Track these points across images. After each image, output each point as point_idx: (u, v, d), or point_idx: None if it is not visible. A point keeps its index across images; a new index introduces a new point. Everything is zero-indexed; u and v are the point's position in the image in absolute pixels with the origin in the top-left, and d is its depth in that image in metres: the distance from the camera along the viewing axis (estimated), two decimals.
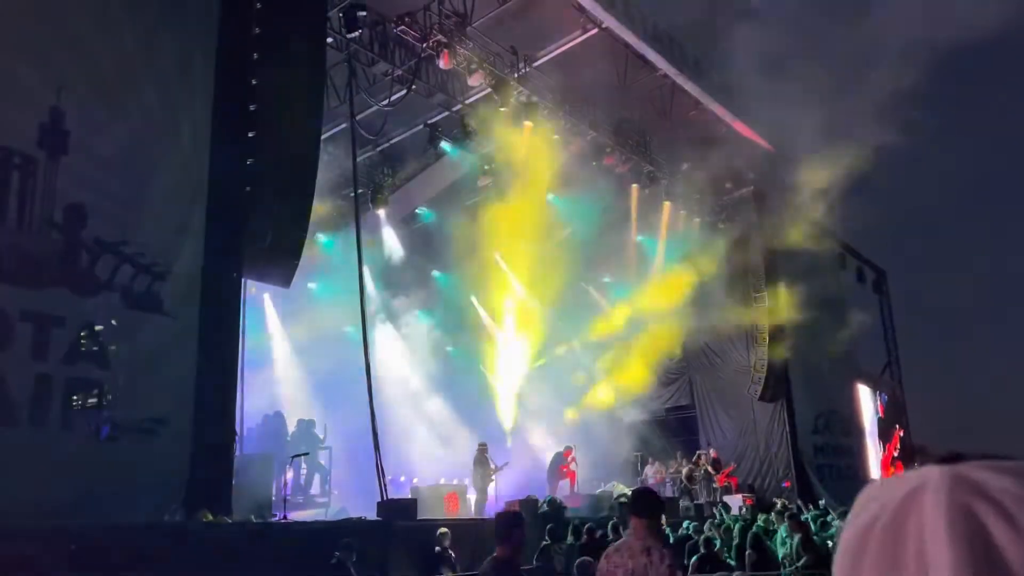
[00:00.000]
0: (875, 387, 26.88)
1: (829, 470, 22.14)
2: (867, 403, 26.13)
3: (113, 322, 9.36)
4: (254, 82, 11.25)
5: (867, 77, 16.43)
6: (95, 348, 9.12)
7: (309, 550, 8.96)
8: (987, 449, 0.65)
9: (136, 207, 9.64)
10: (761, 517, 13.46)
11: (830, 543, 10.47)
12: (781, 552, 10.65)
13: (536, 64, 17.30)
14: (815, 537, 11.29)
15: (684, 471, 19.44)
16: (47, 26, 9.19)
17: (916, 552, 0.58)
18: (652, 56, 17.71)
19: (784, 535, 11.00)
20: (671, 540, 11.79)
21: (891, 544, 0.60)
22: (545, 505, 13.80)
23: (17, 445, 8.11)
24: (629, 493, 16.04)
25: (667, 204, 21.85)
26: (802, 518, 11.86)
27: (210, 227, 10.21)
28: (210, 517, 8.90)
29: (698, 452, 20.42)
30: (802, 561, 9.73)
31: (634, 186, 21.12)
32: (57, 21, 9.31)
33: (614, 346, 21.85)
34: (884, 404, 27.19)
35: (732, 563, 10.35)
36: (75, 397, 8.88)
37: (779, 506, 13.90)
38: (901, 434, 27.80)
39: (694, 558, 9.99)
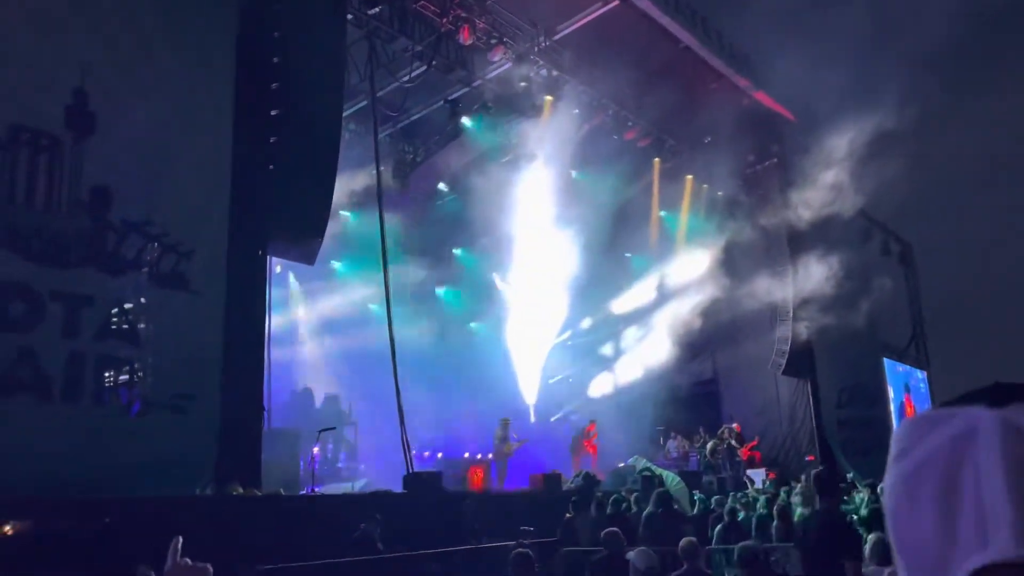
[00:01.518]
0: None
1: (853, 444, 22.04)
2: (893, 378, 25.94)
3: (142, 300, 9.53)
4: (276, 60, 11.30)
5: (894, 39, 16.11)
6: (125, 326, 9.30)
7: (336, 522, 9.12)
8: None
9: (160, 187, 9.76)
10: (783, 490, 13.47)
11: (854, 516, 10.49)
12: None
13: (556, 38, 17.16)
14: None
15: (709, 445, 19.46)
16: (70, 8, 9.27)
17: (975, 504, 0.59)
18: (673, 28, 17.49)
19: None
20: (695, 513, 11.88)
21: (947, 492, 0.61)
22: (580, 479, 13.93)
23: (52, 420, 8.32)
24: (651, 467, 16.15)
25: (689, 178, 21.69)
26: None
27: (234, 206, 10.32)
28: (240, 491, 9.07)
29: (723, 427, 20.41)
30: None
31: (656, 160, 20.97)
32: (80, 3, 9.39)
33: (636, 321, 21.82)
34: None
35: (755, 534, 10.40)
36: (107, 374, 9.07)
37: (803, 481, 13.92)
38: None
39: (718, 527, 10.05)
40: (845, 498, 12.00)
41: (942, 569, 0.60)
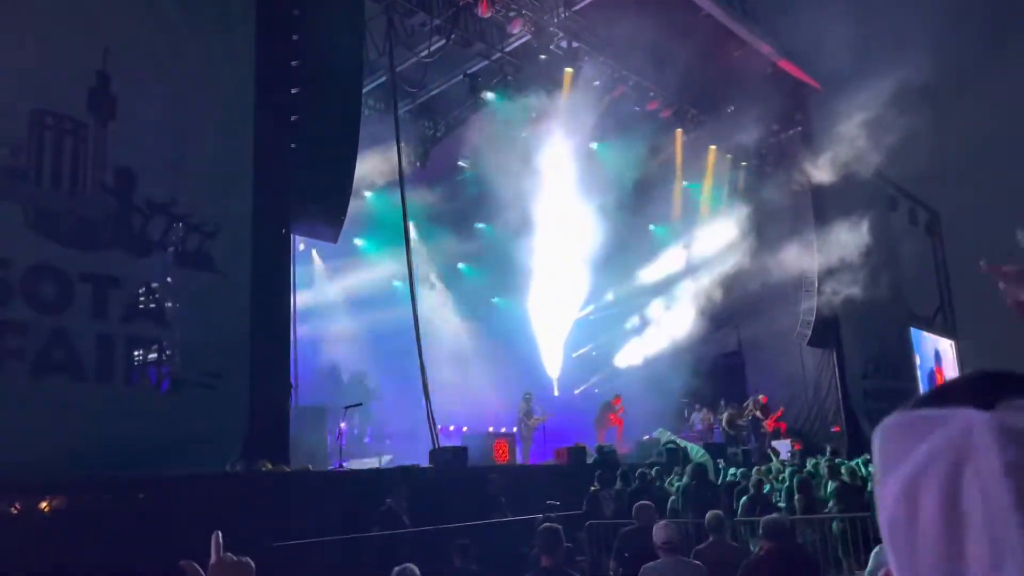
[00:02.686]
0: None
1: (880, 415, 21.70)
2: (921, 346, 25.69)
3: (168, 280, 9.64)
4: (295, 38, 11.28)
5: (921, 10, 15.74)
6: (152, 306, 9.42)
7: (363, 497, 9.25)
8: None
9: (184, 168, 9.83)
10: (810, 462, 13.45)
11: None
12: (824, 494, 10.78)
13: (576, 8, 16.95)
14: (866, 481, 11.31)
15: (724, 416, 19.43)
16: None
17: (983, 518, 0.58)
18: None
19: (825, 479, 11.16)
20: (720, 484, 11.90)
21: (951, 504, 0.60)
22: (596, 453, 13.98)
23: (86, 400, 8.48)
24: (676, 440, 16.18)
25: (712, 148, 21.46)
26: (845, 465, 11.85)
27: (257, 185, 10.37)
28: (269, 466, 9.21)
29: (748, 398, 20.35)
30: (835, 506, 9.83)
31: (678, 131, 20.76)
32: None
33: (660, 293, 21.74)
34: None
35: (782, 506, 10.42)
36: (136, 353, 9.22)
37: (828, 452, 13.90)
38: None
39: (743, 499, 10.07)
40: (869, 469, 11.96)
41: None
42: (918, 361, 25.42)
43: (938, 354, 26.57)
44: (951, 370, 27.92)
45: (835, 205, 20.63)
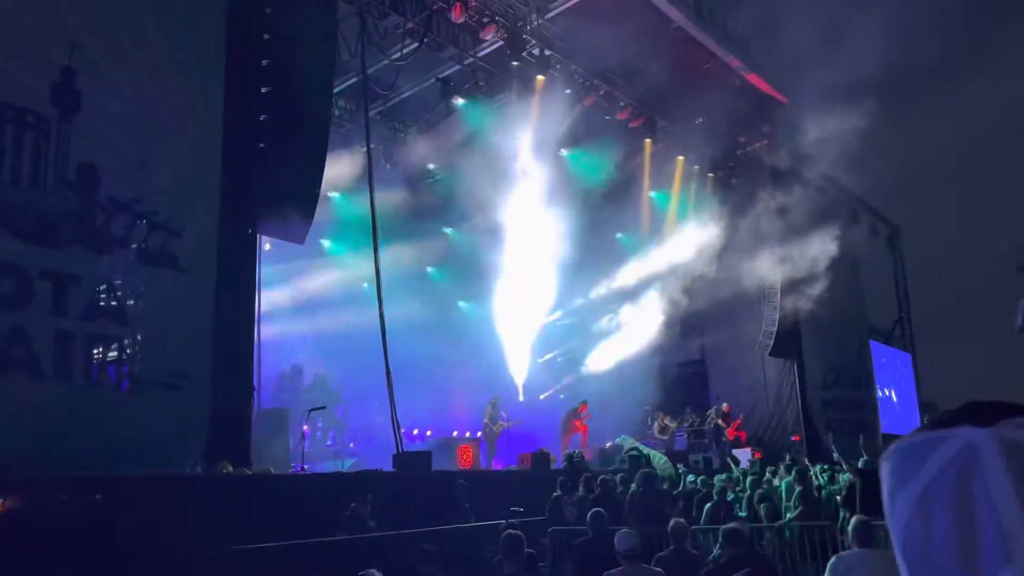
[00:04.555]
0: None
1: (839, 424, 22.29)
2: (879, 358, 26.17)
3: (130, 279, 9.49)
4: (266, 36, 11.19)
5: (884, 23, 16.06)
6: (113, 304, 9.27)
7: (326, 501, 9.18)
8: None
9: (149, 165, 9.69)
10: (769, 469, 13.66)
11: (838, 498, 10.69)
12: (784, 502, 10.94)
13: (548, 16, 17.05)
14: (823, 490, 11.51)
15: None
16: None
17: (992, 516, 0.63)
18: (665, 7, 17.41)
19: (787, 486, 11.31)
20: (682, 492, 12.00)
21: (962, 507, 0.64)
22: (566, 461, 14.02)
23: (44, 399, 8.32)
24: (639, 447, 16.30)
25: (680, 159, 21.69)
26: (809, 473, 12.07)
27: (224, 184, 10.26)
28: (230, 469, 9.11)
29: (712, 407, 20.57)
30: (798, 511, 9.96)
31: (647, 140, 20.95)
32: None
33: (626, 301, 21.90)
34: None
35: (743, 514, 10.54)
36: (95, 352, 9.06)
37: (787, 460, 14.11)
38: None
39: (707, 506, 10.17)
40: (830, 479, 12.18)
41: None
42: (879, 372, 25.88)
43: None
44: (908, 386, 28.50)
45: (798, 217, 20.97)
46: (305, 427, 12.95)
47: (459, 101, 18.25)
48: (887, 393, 26.63)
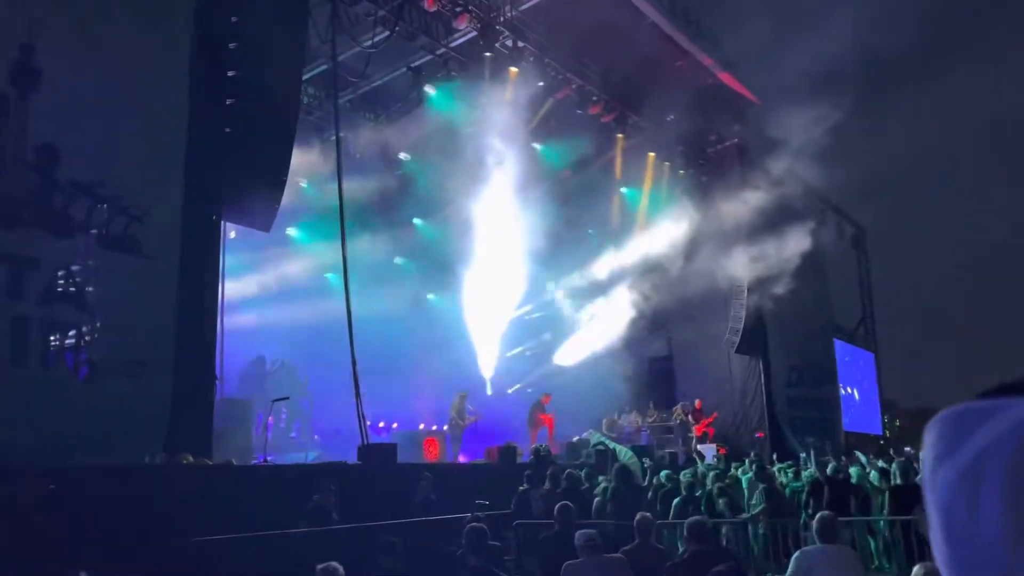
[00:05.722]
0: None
1: (802, 422, 22.57)
2: (843, 357, 26.54)
3: (90, 263, 9.25)
4: (234, 20, 10.96)
5: (858, 27, 16.25)
6: (72, 289, 9.04)
7: (289, 493, 9.04)
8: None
9: (112, 147, 9.44)
10: (734, 466, 13.76)
11: (803, 496, 10.81)
12: (746, 498, 11.02)
13: (523, 8, 16.96)
14: (786, 487, 11.62)
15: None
16: None
17: None
18: (640, 3, 17.42)
19: (748, 482, 11.40)
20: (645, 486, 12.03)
21: (1019, 487, 0.59)
22: (533, 455, 13.98)
23: None
24: (605, 441, 16.33)
25: (652, 155, 21.75)
26: (771, 469, 12.20)
27: (189, 168, 10.05)
28: (191, 460, 8.93)
29: (682, 403, 20.66)
30: (761, 508, 10.04)
31: (619, 136, 20.97)
32: None
33: (595, 296, 21.94)
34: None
35: (706, 511, 10.59)
36: (52, 338, 8.82)
37: (751, 456, 14.24)
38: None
39: (676, 500, 10.20)
40: (794, 475, 12.30)
41: (1014, 567, 0.58)
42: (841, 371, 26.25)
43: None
44: (870, 383, 28.93)
45: (766, 216, 21.14)
46: (269, 418, 12.77)
47: (430, 91, 18.09)
48: (850, 391, 27.05)
